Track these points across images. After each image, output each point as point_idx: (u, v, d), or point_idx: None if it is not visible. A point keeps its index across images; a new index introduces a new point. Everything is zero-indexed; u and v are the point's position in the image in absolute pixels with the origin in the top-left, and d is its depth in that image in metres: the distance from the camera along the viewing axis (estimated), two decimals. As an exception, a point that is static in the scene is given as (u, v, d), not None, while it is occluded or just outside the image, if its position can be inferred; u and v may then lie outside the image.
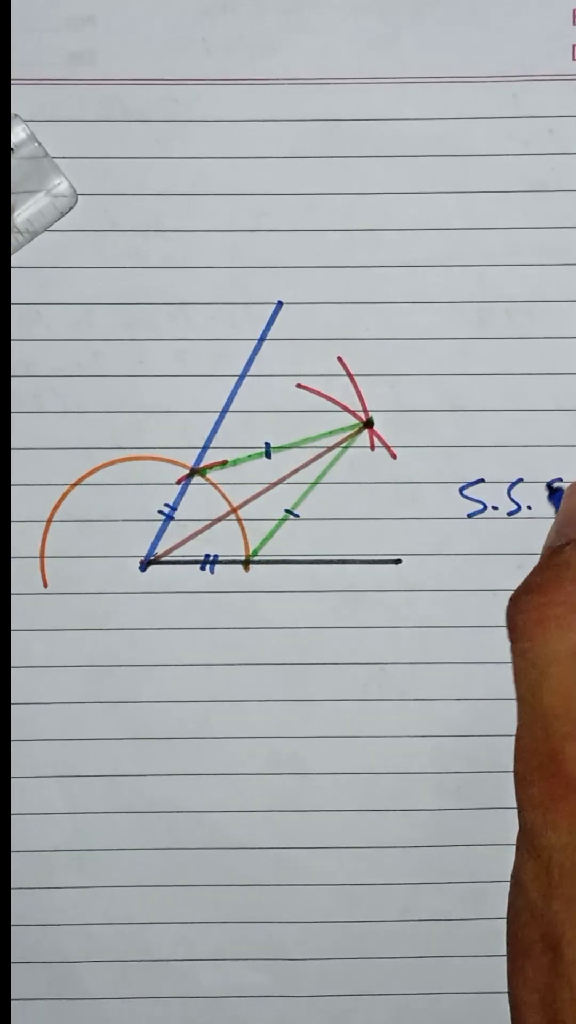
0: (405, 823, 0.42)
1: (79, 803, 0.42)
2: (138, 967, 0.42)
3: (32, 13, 0.41)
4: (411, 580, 0.41)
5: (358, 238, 0.41)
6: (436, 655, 0.41)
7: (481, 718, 0.41)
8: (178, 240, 0.41)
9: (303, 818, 0.42)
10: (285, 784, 0.41)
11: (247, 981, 0.42)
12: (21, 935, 0.42)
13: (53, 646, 0.41)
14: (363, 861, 0.42)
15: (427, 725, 0.41)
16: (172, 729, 0.41)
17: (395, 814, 0.42)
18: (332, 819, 0.42)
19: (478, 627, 0.41)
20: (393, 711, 0.41)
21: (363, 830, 0.42)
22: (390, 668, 0.42)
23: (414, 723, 0.41)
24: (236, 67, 0.41)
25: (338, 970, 0.42)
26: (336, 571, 0.41)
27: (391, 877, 0.42)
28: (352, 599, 0.41)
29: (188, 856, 0.42)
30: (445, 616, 0.41)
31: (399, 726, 0.42)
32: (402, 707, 0.41)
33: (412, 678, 0.42)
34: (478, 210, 0.41)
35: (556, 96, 0.41)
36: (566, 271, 0.41)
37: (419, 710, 0.41)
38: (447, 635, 0.41)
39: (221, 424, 0.41)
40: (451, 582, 0.41)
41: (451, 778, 0.42)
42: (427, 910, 0.42)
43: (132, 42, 0.41)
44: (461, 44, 0.41)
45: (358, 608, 0.41)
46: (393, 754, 0.42)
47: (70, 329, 0.41)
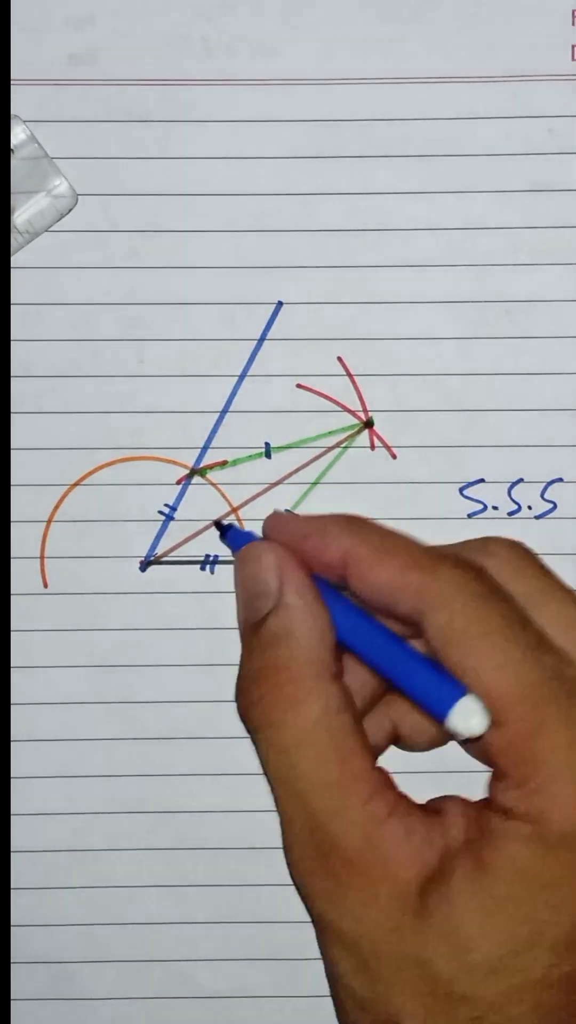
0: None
1: (79, 803, 0.42)
2: (138, 967, 0.42)
3: (32, 13, 0.41)
4: (411, 580, 0.41)
5: (358, 238, 0.41)
6: (436, 655, 0.41)
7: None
8: (178, 240, 0.41)
9: (303, 818, 0.42)
10: (285, 784, 0.41)
11: (247, 981, 0.42)
12: (21, 935, 0.42)
13: (53, 646, 0.41)
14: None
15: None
16: (172, 729, 0.41)
17: (395, 814, 0.41)
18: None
19: (478, 627, 0.41)
20: (393, 711, 0.41)
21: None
22: (390, 668, 0.41)
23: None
24: (236, 67, 0.41)
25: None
26: (336, 571, 0.41)
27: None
28: (352, 599, 0.41)
29: (188, 856, 0.42)
30: (445, 616, 0.41)
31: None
32: (402, 707, 0.41)
33: (412, 678, 0.42)
34: (478, 210, 0.41)
35: (556, 96, 0.41)
36: (566, 271, 0.41)
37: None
38: (447, 635, 0.41)
39: (221, 424, 0.41)
40: (451, 582, 0.41)
41: (452, 777, 0.42)
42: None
43: (132, 42, 0.41)
44: (461, 44, 0.41)
45: (358, 608, 0.41)
46: (393, 753, 0.41)
47: (70, 329, 0.41)
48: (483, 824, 0.28)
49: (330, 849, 0.29)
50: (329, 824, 0.29)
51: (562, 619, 0.30)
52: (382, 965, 0.28)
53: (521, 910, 0.27)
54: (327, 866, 0.29)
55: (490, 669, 0.28)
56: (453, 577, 0.29)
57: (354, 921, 0.28)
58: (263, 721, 0.30)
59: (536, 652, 0.28)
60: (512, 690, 0.28)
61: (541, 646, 0.28)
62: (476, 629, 0.28)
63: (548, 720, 0.27)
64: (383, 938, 0.28)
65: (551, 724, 0.27)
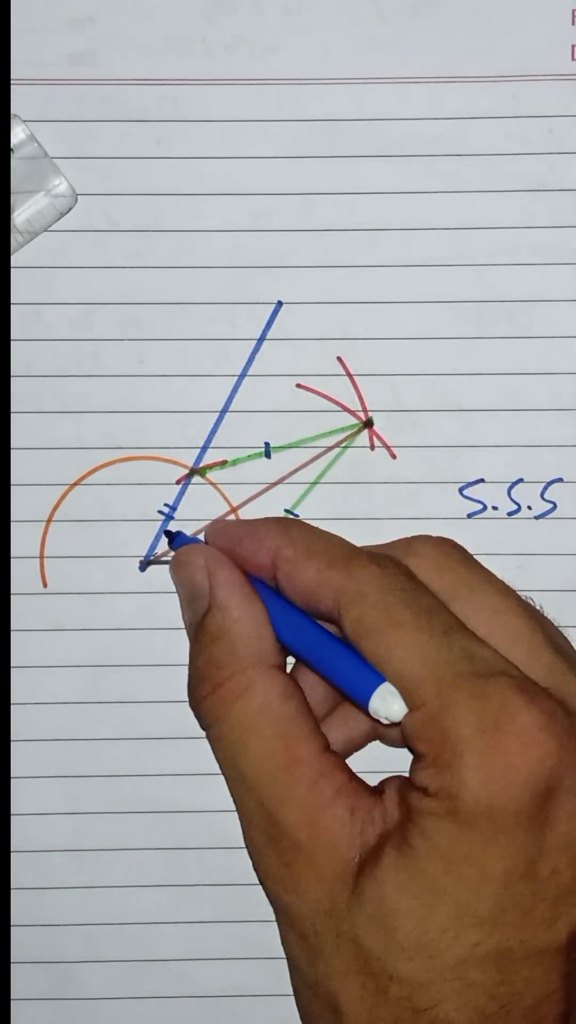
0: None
1: (79, 803, 0.42)
2: (138, 967, 0.42)
3: (32, 13, 0.41)
4: (411, 580, 0.41)
5: (358, 238, 0.41)
6: (436, 655, 0.41)
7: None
8: (178, 240, 0.41)
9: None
10: (285, 784, 0.41)
11: (247, 981, 0.42)
12: (21, 935, 0.42)
13: (53, 646, 0.41)
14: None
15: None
16: (172, 729, 0.41)
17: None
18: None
19: (478, 627, 0.41)
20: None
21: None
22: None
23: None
24: (236, 67, 0.41)
25: (338, 970, 0.42)
26: (336, 571, 0.41)
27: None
28: (352, 599, 0.41)
29: (188, 856, 0.42)
30: (445, 616, 0.41)
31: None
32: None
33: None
34: (478, 210, 0.41)
35: (556, 96, 0.41)
36: (566, 271, 0.41)
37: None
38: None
39: (221, 424, 0.41)
40: (451, 582, 0.41)
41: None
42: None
43: (132, 42, 0.41)
44: (461, 44, 0.41)
45: (358, 608, 0.41)
46: (394, 752, 0.41)
47: (70, 329, 0.41)
48: (408, 802, 0.28)
49: (278, 832, 0.29)
50: (277, 809, 0.29)
51: (484, 608, 0.30)
52: (323, 944, 0.28)
53: (441, 887, 0.27)
54: (277, 849, 0.29)
55: (400, 656, 0.28)
56: (367, 575, 0.30)
57: (300, 901, 0.29)
58: (211, 717, 0.31)
59: (444, 636, 0.29)
60: (421, 673, 0.28)
61: (450, 631, 0.29)
62: (386, 621, 0.29)
63: (456, 699, 0.28)
64: (324, 917, 0.28)
65: (459, 703, 0.28)
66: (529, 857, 0.27)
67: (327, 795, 0.29)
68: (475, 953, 0.27)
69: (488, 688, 0.28)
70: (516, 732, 0.27)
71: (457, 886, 0.27)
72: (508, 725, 0.27)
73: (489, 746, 0.27)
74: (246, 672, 0.31)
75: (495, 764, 0.27)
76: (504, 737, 0.27)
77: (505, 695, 0.27)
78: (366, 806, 0.29)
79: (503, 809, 0.27)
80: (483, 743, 0.27)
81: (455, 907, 0.27)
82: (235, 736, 0.30)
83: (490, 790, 0.27)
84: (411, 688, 0.28)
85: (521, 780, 0.27)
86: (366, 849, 0.28)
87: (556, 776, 0.27)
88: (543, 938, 0.27)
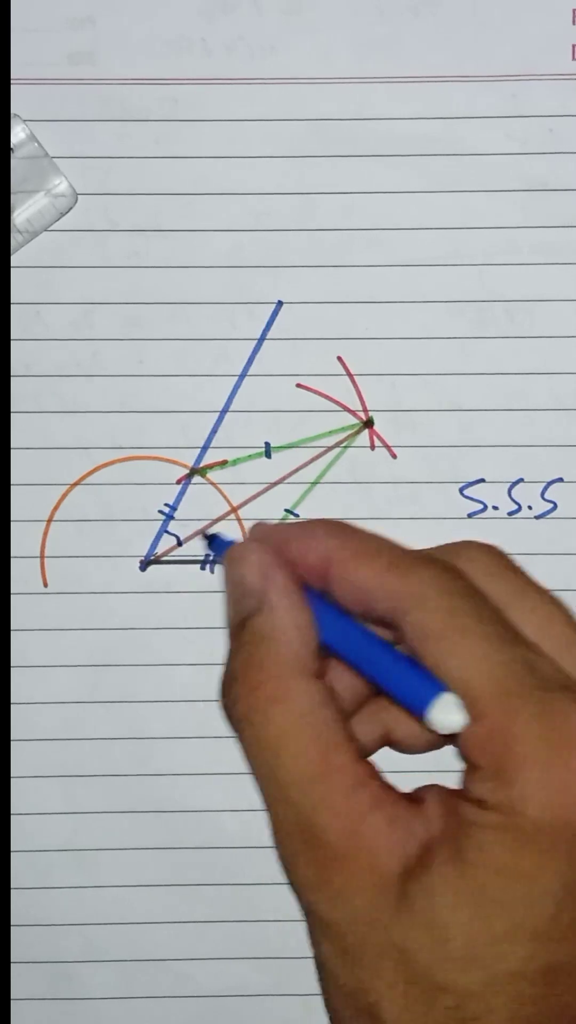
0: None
1: (79, 803, 0.42)
2: (138, 967, 0.42)
3: (32, 13, 0.41)
4: (411, 580, 0.41)
5: (357, 238, 0.41)
6: (436, 655, 0.41)
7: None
8: (178, 240, 0.41)
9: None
10: (285, 784, 0.41)
11: (247, 981, 0.42)
12: (21, 935, 0.42)
13: (53, 646, 0.41)
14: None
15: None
16: (172, 729, 0.41)
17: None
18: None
19: (478, 627, 0.41)
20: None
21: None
22: (390, 668, 0.41)
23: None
24: (236, 67, 0.41)
25: (338, 970, 0.42)
26: (336, 571, 0.41)
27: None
28: (352, 599, 0.41)
29: (188, 856, 0.42)
30: (445, 616, 0.41)
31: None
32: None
33: (412, 678, 0.42)
34: (477, 209, 0.41)
35: (556, 96, 0.41)
36: (566, 271, 0.41)
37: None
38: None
39: (221, 424, 0.41)
40: (451, 582, 0.41)
41: (454, 776, 0.42)
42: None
43: (132, 42, 0.41)
44: (461, 44, 0.41)
45: (358, 608, 0.41)
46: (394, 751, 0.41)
47: (70, 329, 0.41)
48: (460, 814, 0.28)
49: (315, 841, 0.29)
50: (313, 817, 0.29)
51: (536, 617, 0.30)
52: (364, 953, 0.28)
53: (497, 901, 0.27)
54: (313, 857, 0.29)
55: (464, 664, 0.28)
56: (428, 577, 0.30)
57: (338, 910, 0.29)
58: (245, 718, 0.31)
59: (509, 647, 0.29)
60: (485, 684, 0.28)
61: (513, 641, 0.29)
62: (450, 626, 0.29)
63: (520, 712, 0.28)
64: (365, 927, 0.28)
65: (522, 716, 0.28)
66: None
67: (365, 804, 0.29)
68: (527, 967, 0.27)
69: (553, 702, 0.28)
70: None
71: (514, 900, 0.27)
72: (572, 742, 0.27)
73: (554, 762, 0.27)
74: (286, 677, 0.31)
75: (560, 781, 0.27)
76: (569, 754, 0.27)
77: (568, 710, 0.28)
78: (405, 816, 0.29)
79: (566, 826, 0.27)
80: (548, 758, 0.27)
81: (511, 921, 0.27)
82: (272, 740, 0.30)
83: (553, 806, 0.27)
84: (474, 698, 0.28)
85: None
86: (408, 859, 0.29)
87: None
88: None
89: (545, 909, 0.27)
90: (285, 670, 0.30)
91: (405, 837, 0.29)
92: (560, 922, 0.27)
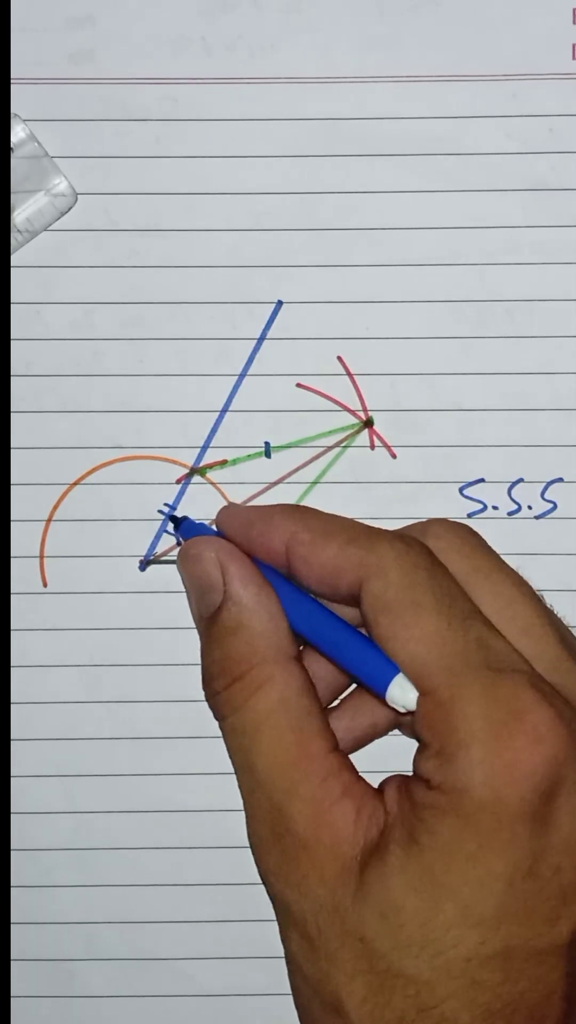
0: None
1: (79, 802, 0.42)
2: (138, 966, 0.42)
3: (32, 13, 0.41)
4: (411, 580, 0.41)
5: (357, 238, 0.41)
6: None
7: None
8: (178, 240, 0.41)
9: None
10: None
11: (247, 981, 0.42)
12: (21, 933, 0.42)
13: (53, 646, 0.41)
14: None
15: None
16: (172, 729, 0.41)
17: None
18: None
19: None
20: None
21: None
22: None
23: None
24: (236, 67, 0.41)
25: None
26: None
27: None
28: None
29: (188, 856, 0.42)
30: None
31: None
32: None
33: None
34: (478, 209, 0.41)
35: (556, 95, 0.41)
36: (566, 270, 0.41)
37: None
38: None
39: (221, 424, 0.41)
40: (451, 582, 0.41)
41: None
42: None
43: (132, 42, 0.41)
44: (461, 43, 0.41)
45: (358, 608, 0.41)
46: (395, 751, 0.41)
47: (70, 329, 0.41)
48: (412, 796, 0.28)
49: (284, 829, 0.29)
50: (284, 803, 0.29)
51: (498, 598, 0.30)
52: (326, 943, 0.28)
53: (446, 884, 0.27)
54: (281, 844, 0.29)
55: (415, 639, 0.28)
56: (390, 550, 0.30)
57: (302, 899, 0.29)
58: (228, 709, 0.31)
59: (463, 623, 0.28)
60: (434, 660, 0.28)
61: (469, 618, 0.29)
62: (407, 600, 0.29)
63: (467, 691, 0.27)
64: (326, 916, 0.28)
65: (468, 693, 0.27)
66: (532, 855, 0.27)
67: (335, 793, 0.29)
68: (480, 951, 0.27)
69: (501, 682, 0.28)
70: (525, 729, 0.27)
71: (462, 884, 0.27)
72: (518, 721, 0.27)
73: (497, 741, 0.27)
74: (265, 665, 0.31)
75: (502, 760, 0.27)
76: (513, 733, 0.27)
77: (517, 691, 0.27)
78: (370, 806, 0.29)
79: (508, 806, 0.27)
80: (491, 738, 0.27)
81: (460, 905, 0.27)
82: (251, 728, 0.30)
83: (495, 786, 0.27)
84: (423, 673, 0.28)
85: (527, 778, 0.26)
86: (368, 847, 0.28)
87: (561, 775, 0.27)
88: (546, 937, 0.27)
89: (494, 892, 0.27)
90: (261, 658, 0.30)
91: (368, 825, 0.28)
92: (511, 905, 0.27)
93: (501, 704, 0.27)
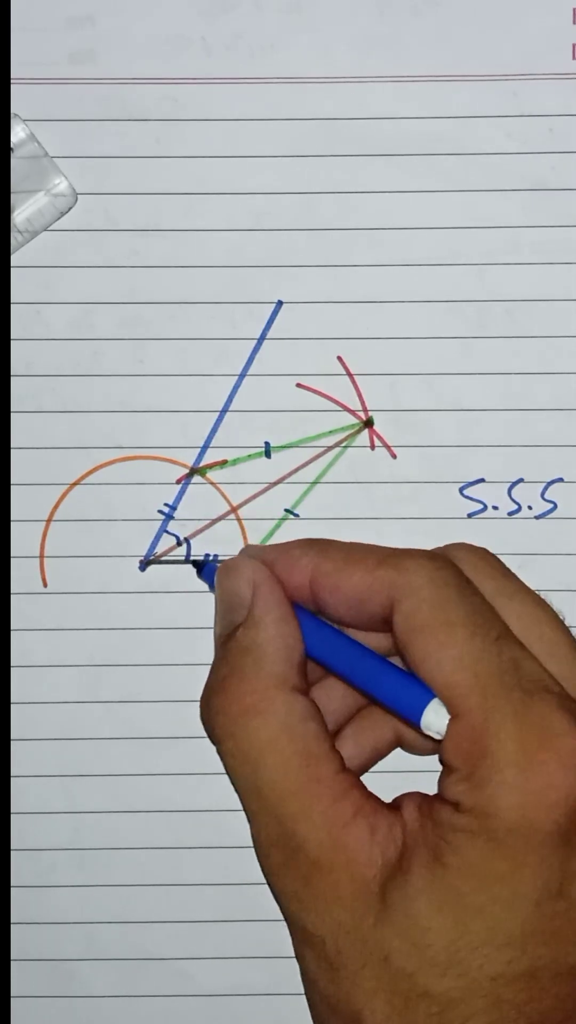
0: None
1: (79, 802, 0.42)
2: (138, 966, 0.42)
3: (32, 13, 0.41)
4: (411, 580, 0.41)
5: (358, 238, 0.41)
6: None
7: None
8: (178, 240, 0.41)
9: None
10: (285, 783, 0.41)
11: (247, 981, 0.42)
12: (21, 933, 0.42)
13: (53, 646, 0.41)
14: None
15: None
16: (172, 729, 0.41)
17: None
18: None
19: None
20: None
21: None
22: (390, 668, 0.41)
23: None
24: (236, 67, 0.41)
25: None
26: (336, 571, 0.41)
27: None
28: (352, 599, 0.41)
29: (188, 856, 0.42)
30: (445, 616, 0.41)
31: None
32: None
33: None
34: (478, 209, 0.41)
35: (556, 95, 0.41)
36: (566, 270, 0.41)
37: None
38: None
39: (221, 424, 0.41)
40: (451, 582, 0.41)
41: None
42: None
43: (132, 42, 0.41)
44: (461, 43, 0.41)
45: (358, 608, 0.41)
46: (395, 751, 0.41)
47: (70, 329, 0.41)
48: (437, 818, 0.28)
49: (297, 851, 0.29)
50: (295, 827, 0.29)
51: (524, 618, 0.30)
52: (346, 962, 0.28)
53: (474, 904, 0.27)
54: (295, 867, 0.29)
55: (449, 660, 0.28)
56: (421, 568, 0.30)
57: (320, 920, 0.29)
58: (225, 731, 0.31)
59: (496, 644, 0.28)
60: (467, 682, 0.28)
61: (502, 639, 0.29)
62: (440, 618, 0.29)
63: (498, 712, 0.27)
64: (347, 935, 0.28)
65: (500, 717, 0.27)
66: (561, 877, 0.27)
67: (347, 814, 0.29)
68: (507, 971, 0.27)
69: (532, 704, 0.28)
70: (557, 753, 0.27)
71: (490, 904, 0.27)
72: (549, 745, 0.27)
73: (530, 766, 0.27)
74: (269, 690, 0.31)
75: (535, 784, 0.27)
76: (545, 757, 0.27)
77: (548, 713, 0.27)
78: (386, 824, 0.29)
79: (539, 830, 0.27)
80: (524, 762, 0.27)
81: (488, 925, 0.27)
82: (254, 752, 0.30)
83: (528, 810, 0.27)
84: (455, 695, 0.28)
85: (559, 801, 0.27)
86: (387, 867, 0.28)
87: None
88: (572, 956, 0.27)
89: (522, 913, 0.27)
90: (267, 683, 0.30)
91: (385, 845, 0.28)
92: (538, 926, 0.27)
93: (533, 727, 0.27)
